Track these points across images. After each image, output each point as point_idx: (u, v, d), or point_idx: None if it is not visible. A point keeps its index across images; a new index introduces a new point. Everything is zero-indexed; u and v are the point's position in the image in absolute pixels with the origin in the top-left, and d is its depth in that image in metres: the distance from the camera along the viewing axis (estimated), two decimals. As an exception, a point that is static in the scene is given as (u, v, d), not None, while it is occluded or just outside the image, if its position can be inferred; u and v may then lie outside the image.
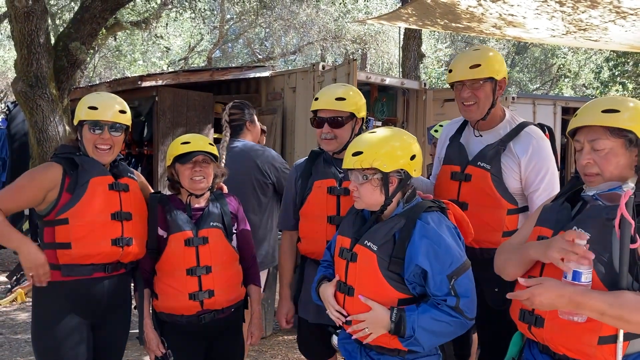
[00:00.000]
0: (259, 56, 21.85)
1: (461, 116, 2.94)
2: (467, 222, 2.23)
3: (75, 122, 2.66)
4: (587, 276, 1.66)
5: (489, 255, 2.24)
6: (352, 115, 2.69)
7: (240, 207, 2.90)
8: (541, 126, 2.75)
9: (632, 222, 1.63)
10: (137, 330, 2.67)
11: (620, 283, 1.65)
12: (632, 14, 4.62)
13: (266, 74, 9.71)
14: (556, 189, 2.55)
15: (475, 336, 3.29)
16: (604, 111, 1.77)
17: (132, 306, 2.80)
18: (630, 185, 1.73)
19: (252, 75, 9.67)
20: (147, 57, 17.83)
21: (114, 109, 2.62)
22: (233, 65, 20.00)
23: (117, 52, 14.78)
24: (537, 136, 2.63)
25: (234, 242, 2.76)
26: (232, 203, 2.84)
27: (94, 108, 2.59)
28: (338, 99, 2.67)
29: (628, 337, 1.69)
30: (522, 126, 2.65)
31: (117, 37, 11.09)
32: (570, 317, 1.70)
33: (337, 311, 2.16)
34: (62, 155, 2.61)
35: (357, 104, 2.70)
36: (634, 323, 1.60)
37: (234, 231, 2.78)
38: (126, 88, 8.84)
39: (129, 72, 16.97)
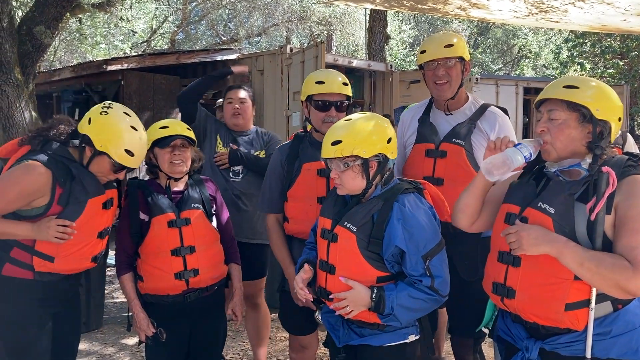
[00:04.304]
0: (223, 38, 21.57)
1: (421, 102, 3.08)
2: (442, 200, 2.33)
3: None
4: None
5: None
6: (349, 100, 2.82)
7: (218, 190, 2.96)
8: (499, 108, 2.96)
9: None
10: (118, 315, 2.71)
11: None
12: (591, -3, 4.78)
13: (233, 56, 9.65)
14: None
15: (443, 310, 3.44)
16: (565, 87, 1.92)
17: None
18: (587, 162, 1.89)
19: (219, 58, 9.62)
20: (109, 40, 17.41)
21: None
22: (197, 47, 19.74)
23: (78, 36, 14.40)
24: (500, 114, 2.85)
25: (214, 223, 2.82)
26: (211, 187, 2.90)
27: None
28: (345, 84, 2.79)
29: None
30: (485, 107, 2.87)
31: (81, 20, 10.77)
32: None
33: (304, 294, 2.29)
34: (54, 157, 2.43)
35: (351, 90, 2.86)
36: (608, 278, 1.73)
37: (213, 212, 2.83)
38: (91, 72, 8.72)
39: (90, 56, 16.54)
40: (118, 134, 2.45)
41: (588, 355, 1.83)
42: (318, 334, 3.02)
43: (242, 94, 3.82)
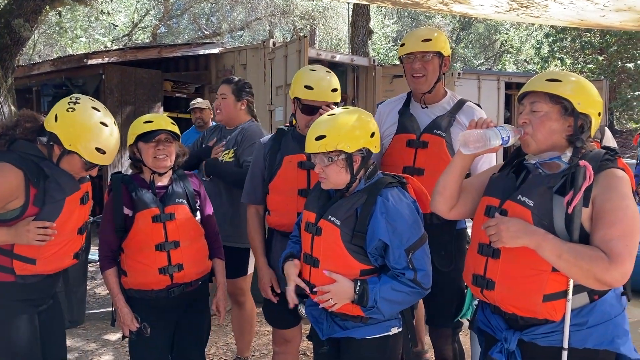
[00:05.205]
0: (206, 32, 21.46)
1: (398, 95, 3.13)
2: (425, 195, 2.36)
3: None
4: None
5: (439, 220, 2.40)
6: (337, 105, 2.83)
7: (202, 185, 2.96)
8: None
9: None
10: (101, 310, 2.70)
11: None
12: (570, -7, 4.84)
13: (216, 50, 9.61)
14: (494, 156, 2.77)
15: (421, 302, 3.48)
16: (548, 80, 1.97)
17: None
18: (567, 156, 1.93)
19: (201, 52, 9.56)
20: (90, 34, 17.23)
21: None
22: (179, 41, 19.58)
23: (58, 29, 14.22)
24: (477, 109, 2.93)
25: (198, 218, 2.82)
26: (195, 182, 2.90)
27: None
28: (334, 89, 2.79)
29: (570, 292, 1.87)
30: (463, 101, 2.94)
31: (60, 13, 10.62)
32: None
33: (296, 291, 2.33)
34: (24, 156, 2.36)
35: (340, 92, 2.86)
36: (585, 270, 1.77)
37: (197, 208, 2.84)
38: (71, 66, 8.61)
39: (71, 50, 16.36)
40: (87, 132, 2.36)
41: (565, 345, 1.87)
42: (301, 327, 3.05)
43: (223, 88, 3.71)
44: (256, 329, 4.61)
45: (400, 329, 2.28)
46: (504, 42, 25.25)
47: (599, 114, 1.97)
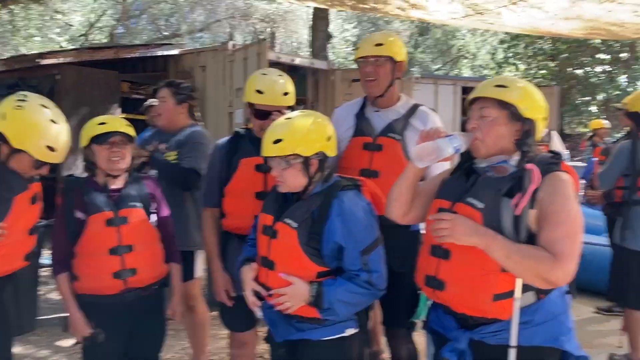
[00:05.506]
0: (165, 33, 21.21)
1: (355, 99, 3.19)
2: (380, 197, 2.39)
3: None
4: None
5: (394, 221, 2.45)
6: (291, 109, 2.84)
7: (158, 188, 2.93)
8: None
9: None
10: (54, 316, 2.65)
11: None
12: (522, 1, 5.00)
13: (175, 52, 9.52)
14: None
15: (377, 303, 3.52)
16: (496, 86, 2.03)
17: None
18: (515, 159, 2.00)
19: (159, 53, 9.46)
20: (44, 33, 16.78)
21: None
22: (137, 42, 19.29)
23: (10, 27, 13.82)
24: (431, 113, 3.00)
25: (154, 222, 2.78)
26: (150, 184, 2.87)
27: None
28: (286, 93, 2.80)
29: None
30: (417, 106, 3.01)
31: (12, 11, 10.32)
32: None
33: (254, 294, 2.33)
34: None
35: (294, 95, 2.86)
36: (532, 269, 1.84)
37: (153, 211, 2.80)
38: (24, 66, 8.38)
39: (24, 49, 15.92)
40: (37, 129, 2.34)
41: (513, 343, 1.93)
42: (257, 330, 3.05)
43: (162, 92, 3.65)
44: (213, 332, 4.58)
45: (356, 330, 2.31)
46: (460, 47, 25.75)
47: (544, 119, 2.05)
